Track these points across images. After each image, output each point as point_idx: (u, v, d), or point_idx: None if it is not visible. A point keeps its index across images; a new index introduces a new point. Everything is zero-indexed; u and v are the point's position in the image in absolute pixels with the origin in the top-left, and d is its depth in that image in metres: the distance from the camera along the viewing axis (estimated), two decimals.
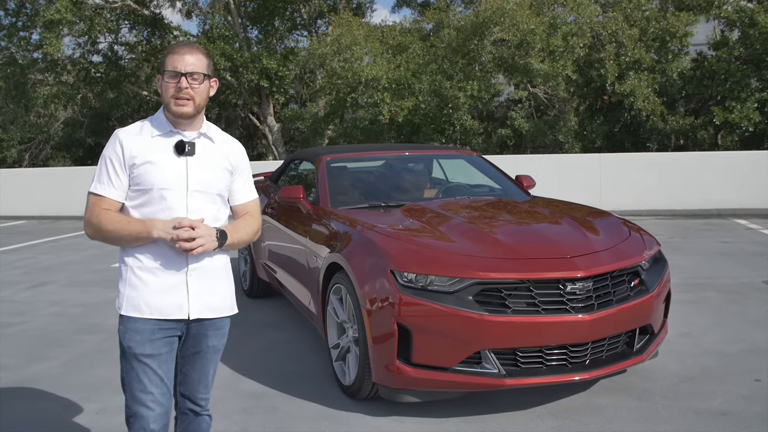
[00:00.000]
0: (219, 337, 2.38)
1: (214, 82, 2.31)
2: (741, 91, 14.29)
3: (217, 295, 2.33)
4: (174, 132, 2.26)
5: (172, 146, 2.24)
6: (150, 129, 2.27)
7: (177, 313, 2.25)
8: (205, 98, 2.27)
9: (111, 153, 2.23)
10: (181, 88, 2.19)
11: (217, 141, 2.35)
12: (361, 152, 5.80)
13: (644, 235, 4.01)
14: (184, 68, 2.19)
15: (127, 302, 2.23)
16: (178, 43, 2.31)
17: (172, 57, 2.22)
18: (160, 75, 2.25)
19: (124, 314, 2.24)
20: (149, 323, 2.22)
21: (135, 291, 2.23)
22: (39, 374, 4.25)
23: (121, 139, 2.23)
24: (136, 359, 2.21)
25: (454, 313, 3.16)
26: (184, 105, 2.21)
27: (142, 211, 2.23)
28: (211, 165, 2.30)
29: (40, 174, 14.93)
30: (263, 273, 5.73)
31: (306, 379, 4.03)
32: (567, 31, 14.36)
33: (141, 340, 2.21)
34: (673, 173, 11.58)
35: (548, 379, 3.28)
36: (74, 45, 17.50)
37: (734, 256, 7.45)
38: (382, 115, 14.18)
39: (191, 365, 2.37)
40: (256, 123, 19.37)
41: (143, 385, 2.21)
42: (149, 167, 2.21)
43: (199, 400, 2.42)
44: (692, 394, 3.65)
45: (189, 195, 2.24)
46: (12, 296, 6.53)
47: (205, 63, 2.25)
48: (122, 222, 2.20)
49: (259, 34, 18.14)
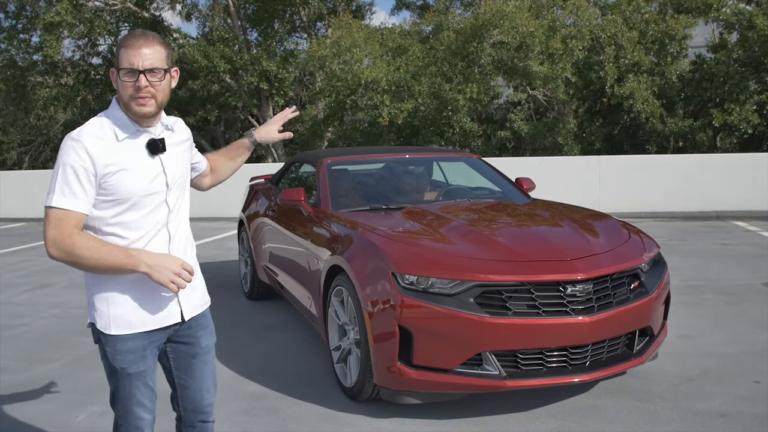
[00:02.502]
0: (209, 335, 2.31)
1: (174, 72, 2.11)
2: (740, 93, 14.31)
3: (197, 290, 2.27)
4: (141, 131, 2.07)
5: (144, 147, 2.07)
6: (113, 130, 2.03)
7: (171, 319, 2.16)
8: (168, 93, 2.08)
9: (74, 161, 1.95)
10: (140, 88, 1.98)
11: (175, 129, 2.22)
12: (361, 155, 5.81)
13: (644, 237, 4.02)
14: (141, 64, 1.96)
15: (114, 321, 2.06)
16: (132, 33, 2.05)
17: (127, 51, 1.97)
18: (114, 70, 2.02)
19: (114, 333, 2.06)
20: (140, 338, 2.09)
21: (121, 308, 2.07)
22: (40, 376, 4.26)
23: (86, 145, 1.96)
24: (129, 378, 2.10)
25: (455, 315, 3.18)
26: (145, 104, 2.01)
27: (117, 220, 2.04)
28: (178, 155, 2.20)
29: (40, 176, 14.91)
30: (264, 275, 5.74)
31: (307, 381, 4.04)
32: (566, 34, 14.39)
33: (134, 359, 2.09)
34: (672, 175, 11.60)
35: (548, 380, 3.30)
36: (74, 47, 17.58)
37: (733, 258, 7.47)
38: (382, 117, 14.21)
39: (190, 375, 2.28)
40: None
41: (137, 399, 2.14)
42: (125, 174, 2.00)
43: (205, 407, 2.33)
44: (692, 396, 3.66)
45: (168, 195, 2.13)
46: (12, 298, 6.54)
47: (164, 55, 2.03)
48: (102, 250, 1.95)
49: (258, 36, 18.17)
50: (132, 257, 1.99)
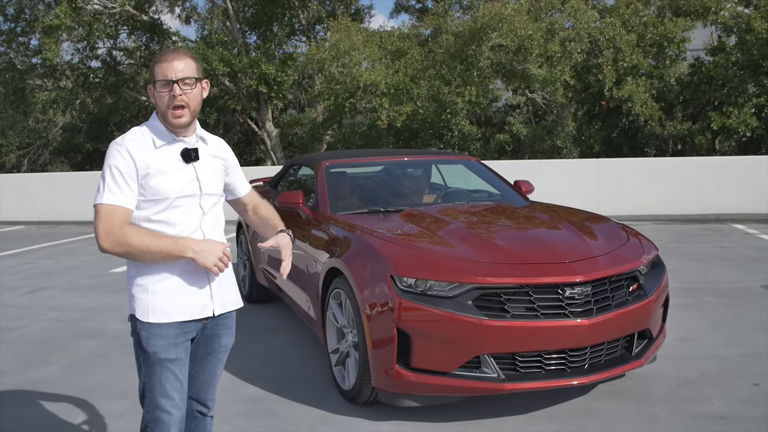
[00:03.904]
0: (230, 336, 2.44)
1: (205, 83, 2.29)
2: (738, 96, 14.34)
3: (229, 288, 2.40)
4: (176, 140, 2.25)
5: (179, 154, 2.24)
6: (152, 138, 2.24)
7: (202, 312, 2.28)
8: (199, 102, 2.26)
9: (120, 163, 2.16)
10: (175, 96, 2.17)
11: (209, 142, 2.37)
12: (360, 158, 5.82)
13: (642, 240, 4.03)
14: (174, 75, 2.17)
15: (152, 309, 2.20)
16: (164, 50, 2.30)
17: (161, 66, 2.19)
18: (151, 86, 2.24)
19: (151, 321, 2.20)
20: (173, 327, 2.22)
21: (159, 296, 2.21)
22: (38, 379, 4.25)
23: (129, 149, 2.18)
24: (160, 365, 2.21)
25: (454, 317, 3.17)
26: (181, 116, 2.20)
27: (155, 218, 2.20)
28: (211, 167, 2.33)
29: (39, 179, 14.91)
30: (262, 278, 5.74)
31: (306, 384, 4.03)
32: (565, 37, 14.42)
33: (166, 344, 2.21)
34: (670, 178, 11.61)
35: (547, 383, 3.30)
36: (73, 50, 17.54)
37: (732, 261, 7.47)
38: (381, 120, 14.22)
39: (202, 367, 2.39)
40: (254, 128, 19.39)
41: (165, 390, 2.22)
42: (162, 177, 2.19)
43: (208, 401, 2.45)
44: (690, 398, 3.66)
45: (202, 200, 2.27)
46: (11, 301, 6.53)
47: (194, 66, 2.23)
48: (151, 238, 2.13)
49: (257, 39, 18.16)
50: (179, 244, 2.16)
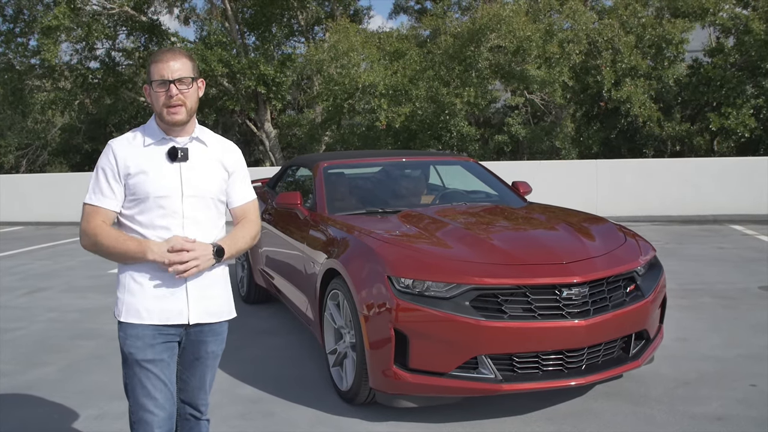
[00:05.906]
0: (218, 343, 2.40)
1: (201, 82, 2.30)
2: (737, 97, 14.36)
3: (215, 299, 2.34)
4: (166, 139, 2.26)
5: (165, 153, 2.25)
6: (142, 138, 2.27)
7: (177, 319, 2.25)
8: (196, 101, 2.27)
9: (105, 163, 2.23)
10: (171, 96, 2.19)
11: (210, 144, 2.34)
12: (358, 158, 5.82)
13: (640, 240, 4.03)
14: (171, 75, 2.19)
15: (126, 309, 2.23)
16: (160, 50, 2.29)
17: (157, 65, 2.21)
18: (147, 85, 2.25)
19: (124, 321, 2.23)
20: (149, 329, 2.22)
21: (134, 297, 2.23)
22: (36, 380, 4.25)
23: (114, 149, 2.24)
24: (138, 365, 2.21)
25: (451, 318, 3.18)
26: (176, 113, 2.21)
27: (138, 219, 2.23)
28: (204, 169, 2.30)
29: (38, 180, 14.90)
30: (260, 279, 5.74)
31: (303, 385, 4.03)
32: (563, 38, 14.42)
33: (142, 345, 2.21)
34: (669, 179, 11.62)
35: (545, 384, 3.30)
36: (72, 51, 17.51)
37: (730, 262, 7.48)
38: (379, 121, 14.21)
39: (191, 372, 2.37)
40: (253, 129, 19.38)
41: (147, 390, 2.22)
42: (143, 177, 2.21)
43: (200, 406, 2.44)
44: (688, 399, 3.66)
45: (184, 200, 2.24)
46: (9, 302, 6.52)
47: (191, 66, 2.25)
48: (119, 239, 2.19)
49: (256, 40, 18.14)
50: (141, 246, 2.18)
